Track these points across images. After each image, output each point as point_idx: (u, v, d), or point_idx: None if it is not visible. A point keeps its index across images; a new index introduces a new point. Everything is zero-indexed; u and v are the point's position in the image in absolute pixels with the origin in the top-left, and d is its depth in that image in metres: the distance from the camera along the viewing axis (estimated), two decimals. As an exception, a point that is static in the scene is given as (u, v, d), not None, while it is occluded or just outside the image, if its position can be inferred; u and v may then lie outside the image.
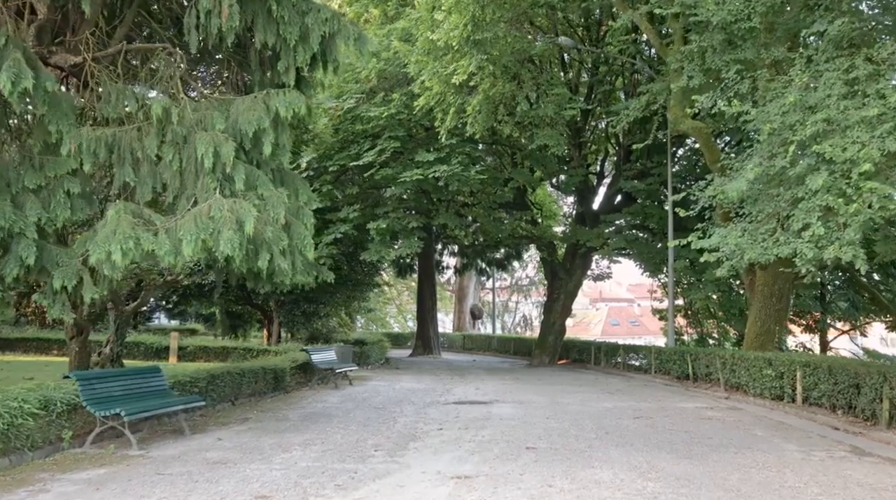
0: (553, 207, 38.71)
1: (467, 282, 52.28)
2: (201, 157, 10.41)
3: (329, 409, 15.21)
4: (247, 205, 10.17)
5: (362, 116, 23.60)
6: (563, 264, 32.43)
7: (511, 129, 21.60)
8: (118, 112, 11.20)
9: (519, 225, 30.50)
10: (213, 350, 25.28)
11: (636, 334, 77.20)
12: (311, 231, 11.66)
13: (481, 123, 20.61)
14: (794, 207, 10.93)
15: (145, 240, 9.81)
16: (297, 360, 20.10)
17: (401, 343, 49.79)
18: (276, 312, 29.69)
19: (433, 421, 13.58)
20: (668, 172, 25.48)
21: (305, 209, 11.68)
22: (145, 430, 11.64)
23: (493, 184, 27.58)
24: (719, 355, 20.43)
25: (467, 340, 48.24)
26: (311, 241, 11.39)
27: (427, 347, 38.65)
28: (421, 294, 40.01)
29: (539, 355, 32.34)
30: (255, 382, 16.94)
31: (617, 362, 29.04)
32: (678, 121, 21.61)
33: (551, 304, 32.92)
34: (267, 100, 11.39)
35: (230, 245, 9.77)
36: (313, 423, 13.08)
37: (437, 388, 20.41)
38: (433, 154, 23.06)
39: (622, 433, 12.38)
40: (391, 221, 24.36)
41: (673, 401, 17.93)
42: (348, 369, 21.01)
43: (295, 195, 12.43)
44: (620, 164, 29.92)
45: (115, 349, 21.05)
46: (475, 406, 16.08)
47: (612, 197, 31.81)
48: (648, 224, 28.97)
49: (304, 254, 11.31)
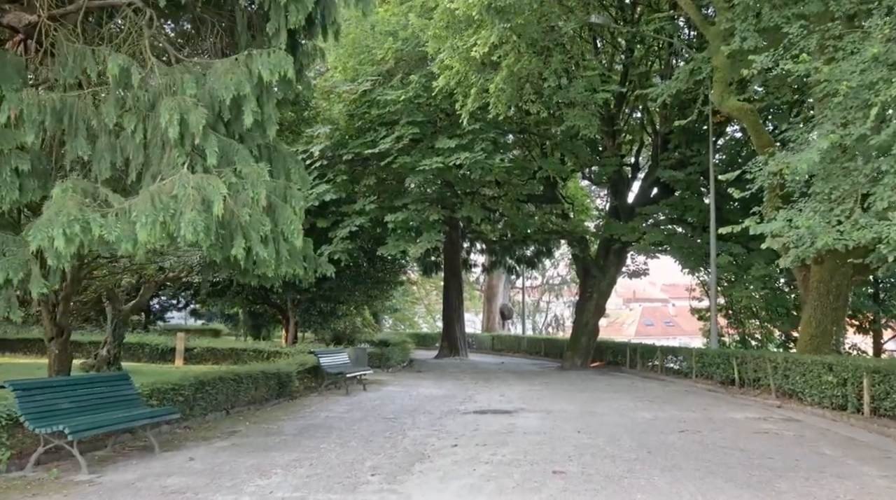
0: (585, 200, 36.74)
1: (497, 281, 50.44)
2: (165, 125, 8.76)
3: (331, 420, 13.51)
4: (216, 182, 8.51)
5: (378, 99, 21.90)
6: (595, 261, 30.52)
7: (538, 109, 19.70)
8: (76, 77, 9.59)
9: (549, 219, 28.64)
10: (222, 352, 23.74)
11: (671, 335, 75.94)
12: (300, 216, 9.97)
13: (505, 102, 18.74)
14: (877, 184, 9.01)
15: (95, 223, 8.17)
16: (306, 363, 18.48)
17: (428, 344, 48.17)
18: (292, 311, 28.15)
19: (448, 436, 11.84)
20: (710, 160, 23.51)
21: (293, 190, 9.98)
22: (110, 447, 10.02)
23: (521, 174, 25.76)
24: (770, 359, 18.46)
25: (496, 340, 46.38)
26: (299, 227, 9.69)
27: (453, 348, 36.90)
28: (447, 293, 38.24)
29: (571, 357, 30.45)
30: (254, 388, 15.32)
31: (654, 365, 27.10)
32: (722, 101, 19.73)
33: (584, 303, 31.01)
34: (249, 62, 9.71)
35: (192, 228, 8.11)
36: (308, 437, 11.39)
37: (458, 394, 18.67)
38: (455, 141, 21.29)
39: (667, 452, 10.54)
40: (410, 213, 22.64)
41: (720, 410, 16.03)
42: (362, 374, 19.32)
43: (285, 175, 10.76)
44: (657, 153, 27.92)
45: (113, 351, 19.60)
46: (498, 417, 14.30)
47: (647, 189, 29.86)
48: (687, 218, 26.91)
49: (291, 241, 9.62)
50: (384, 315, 52.53)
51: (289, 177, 10.88)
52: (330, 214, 24.16)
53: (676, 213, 26.53)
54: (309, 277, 12.13)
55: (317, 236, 24.48)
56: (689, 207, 26.53)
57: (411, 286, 61.35)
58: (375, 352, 26.00)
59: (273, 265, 9.40)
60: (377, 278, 29.12)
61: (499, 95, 18.47)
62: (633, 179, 31.41)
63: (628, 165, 31.17)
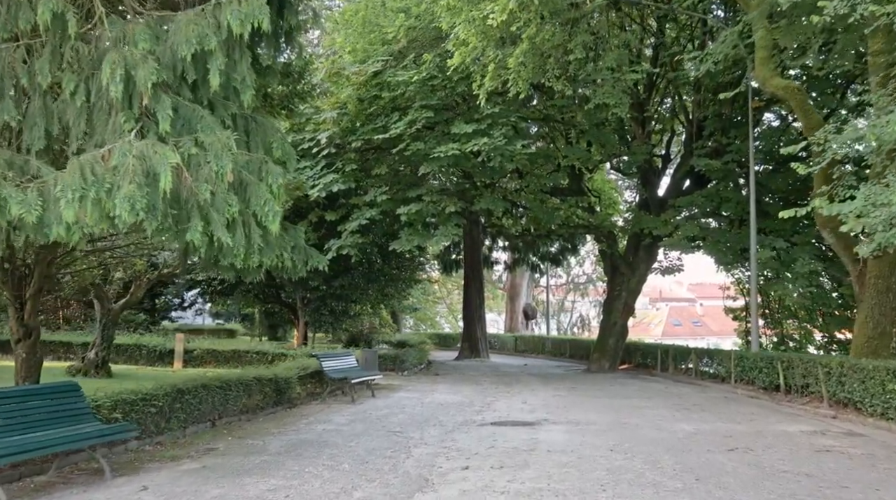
0: (612, 194, 34.83)
1: (520, 279, 48.64)
2: (106, 83, 7.17)
3: (328, 434, 11.87)
4: (164, 150, 6.91)
5: (389, 81, 20.22)
6: (624, 258, 28.67)
7: (563, 86, 17.88)
8: (10, 31, 8.02)
9: (574, 213, 26.81)
10: (223, 354, 22.20)
11: (699, 335, 75.24)
12: (279, 197, 8.35)
13: (526, 79, 16.95)
14: None
15: (13, 201, 6.59)
16: (308, 367, 16.89)
17: (449, 344, 46.57)
18: (302, 311, 26.62)
19: (459, 454, 10.17)
20: (749, 146, 21.65)
21: (271, 166, 8.34)
22: (54, 470, 8.43)
23: (545, 164, 24.01)
24: (822, 363, 16.62)
25: (519, 341, 44.57)
26: (276, 208, 8.07)
27: (474, 349, 35.18)
28: (467, 292, 36.49)
29: (598, 359, 28.62)
30: (246, 396, 13.73)
31: (687, 368, 25.25)
32: (766, 81, 17.98)
33: (611, 302, 29.17)
34: (217, 12, 8.12)
35: (130, 206, 6.55)
36: (295, 457, 9.76)
37: (475, 401, 16.99)
38: (472, 125, 19.58)
39: (718, 477, 8.79)
40: (425, 205, 20.96)
41: (768, 421, 14.25)
42: (369, 379, 17.71)
43: (264, 150, 9.13)
44: (690, 142, 26.01)
45: (101, 354, 18.15)
46: (518, 430, 12.60)
47: (679, 181, 27.98)
48: (723, 210, 24.99)
49: (266, 226, 7.99)
50: (404, 315, 51.04)
51: (269, 152, 9.26)
52: (340, 207, 22.59)
53: (712, 205, 24.62)
54: (298, 270, 10.51)
55: (325, 230, 22.95)
56: (726, 199, 24.65)
57: (432, 285, 59.87)
58: (389, 354, 24.38)
59: (242, 254, 7.77)
60: (392, 276, 27.47)
61: (519, 71, 16.69)
62: (664, 169, 29.54)
63: (658, 156, 29.32)
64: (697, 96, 25.33)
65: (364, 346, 32.92)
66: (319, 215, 22.64)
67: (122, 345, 22.86)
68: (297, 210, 23.16)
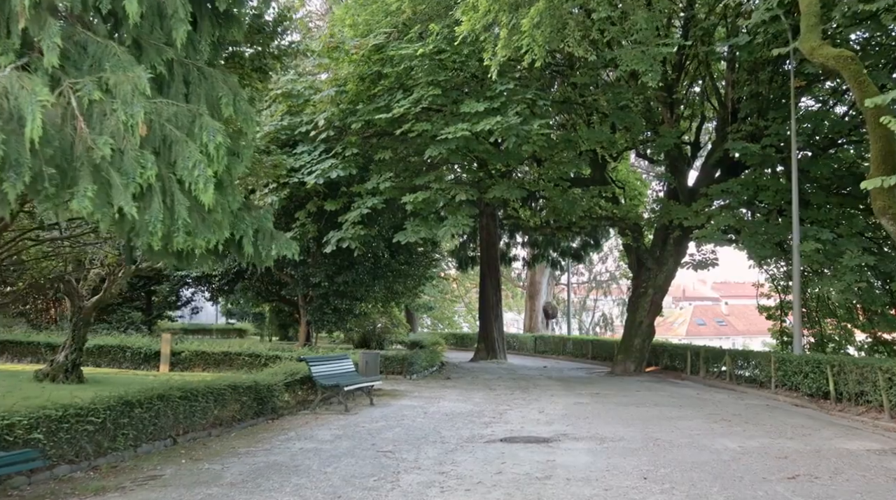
0: (637, 184, 32.69)
1: (539, 277, 46.58)
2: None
3: (303, 455, 9.97)
4: (33, 84, 5.04)
5: (393, 55, 18.29)
6: (651, 252, 26.59)
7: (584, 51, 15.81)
8: None
9: (597, 203, 24.74)
10: (213, 357, 20.38)
11: (723, 335, 73.07)
12: (217, 160, 6.47)
13: (542, 44, 14.89)
14: None
15: None
16: (297, 372, 15.03)
17: (467, 345, 44.69)
18: (303, 309, 24.80)
19: (457, 484, 8.27)
20: (792, 126, 19.62)
21: (206, 120, 6.47)
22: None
23: (565, 149, 22.00)
24: (883, 368, 14.54)
25: (539, 342, 42.50)
26: (208, 174, 6.19)
27: (490, 350, 33.20)
28: (483, 289, 34.49)
29: (622, 361, 26.55)
30: (219, 407, 11.90)
31: (721, 371, 23.18)
32: (814, 51, 16.02)
33: (637, 300, 27.07)
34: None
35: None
36: (249, 491, 7.86)
37: (486, 410, 15.07)
38: (483, 104, 17.62)
39: (787, 522, 6.84)
40: (433, 193, 19.03)
41: (823, 436, 12.24)
42: (368, 385, 15.82)
43: (208, 106, 7.27)
44: (725, 125, 23.89)
45: (72, 357, 16.37)
46: (532, 449, 10.67)
47: (711, 170, 25.84)
48: (761, 199, 22.80)
49: (196, 197, 6.12)
50: (420, 314, 49.22)
51: (218, 110, 7.40)
52: (341, 196, 20.72)
53: (748, 193, 22.49)
54: (263, 259, 8.66)
55: (326, 222, 21.15)
56: (763, 187, 22.51)
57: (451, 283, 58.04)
58: (397, 356, 22.45)
59: (159, 232, 5.89)
60: (400, 272, 25.52)
61: (534, 36, 14.65)
62: (694, 157, 27.46)
63: (687, 144, 27.23)
64: (731, 75, 23.24)
65: (376, 346, 31.11)
66: (318, 205, 20.79)
67: (105, 347, 21.16)
68: (295, 199, 21.37)
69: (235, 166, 7.83)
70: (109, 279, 16.36)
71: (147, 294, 30.09)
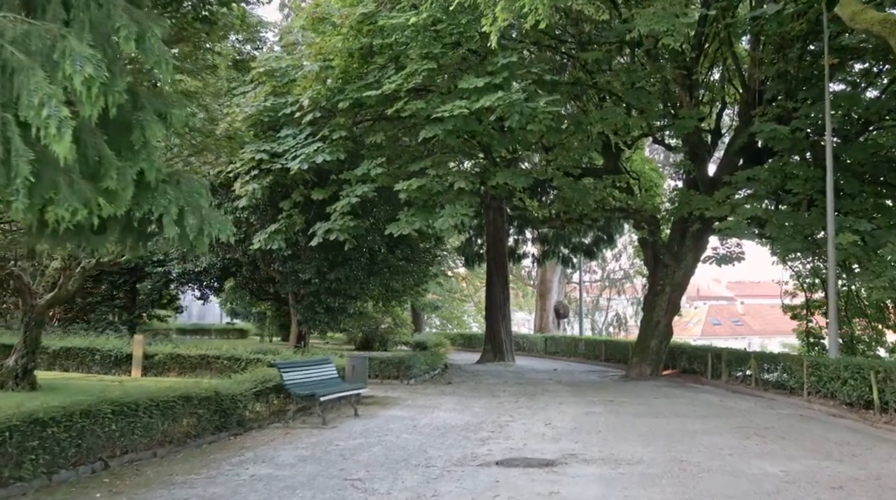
0: (653, 175, 30.74)
1: (550, 275, 44.69)
2: None
3: (251, 486, 8.16)
4: None
5: (383, 25, 16.48)
6: (668, 247, 24.67)
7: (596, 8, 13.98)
8: None
9: (610, 193, 22.85)
10: (189, 360, 18.65)
11: (739, 335, 71.29)
12: (86, 100, 4.70)
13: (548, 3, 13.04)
14: None
15: None
16: (270, 379, 13.23)
17: (476, 345, 42.77)
18: (293, 307, 23.06)
19: (432, 529, 6.49)
20: (826, 107, 17.74)
21: (71, 43, 4.68)
22: None
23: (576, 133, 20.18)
24: (940, 376, 12.67)
25: (549, 342, 40.56)
26: (63, 114, 4.41)
27: (498, 352, 31.36)
28: (490, 287, 32.66)
29: (638, 363, 24.64)
30: (167, 422, 10.14)
31: (745, 375, 21.28)
32: (854, 16, 14.34)
33: (653, 298, 25.16)
34: None
35: None
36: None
37: (485, 423, 13.26)
38: (483, 79, 15.80)
39: None
40: (429, 180, 17.24)
41: (876, 456, 10.44)
42: (350, 394, 13.99)
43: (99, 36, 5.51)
44: (749, 108, 21.96)
45: (22, 361, 14.65)
46: (532, 475, 8.84)
47: (733, 158, 23.90)
48: (789, 189, 20.83)
49: (47, 146, 4.35)
50: (427, 313, 47.55)
51: (113, 47, 5.63)
52: (330, 184, 18.97)
53: (776, 181, 20.55)
54: (195, 243, 6.94)
55: (315, 213, 19.43)
56: (793, 176, 20.56)
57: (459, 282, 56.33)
58: (392, 360, 20.69)
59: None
60: (398, 268, 23.74)
61: (536, -5, 12.83)
62: (715, 145, 25.56)
63: (707, 131, 25.32)
64: (757, 53, 21.31)
65: (379, 347, 29.41)
66: (305, 194, 19.03)
67: (73, 349, 19.51)
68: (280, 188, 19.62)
69: (152, 127, 6.12)
70: (65, 274, 14.65)
71: (132, 292, 28.38)
